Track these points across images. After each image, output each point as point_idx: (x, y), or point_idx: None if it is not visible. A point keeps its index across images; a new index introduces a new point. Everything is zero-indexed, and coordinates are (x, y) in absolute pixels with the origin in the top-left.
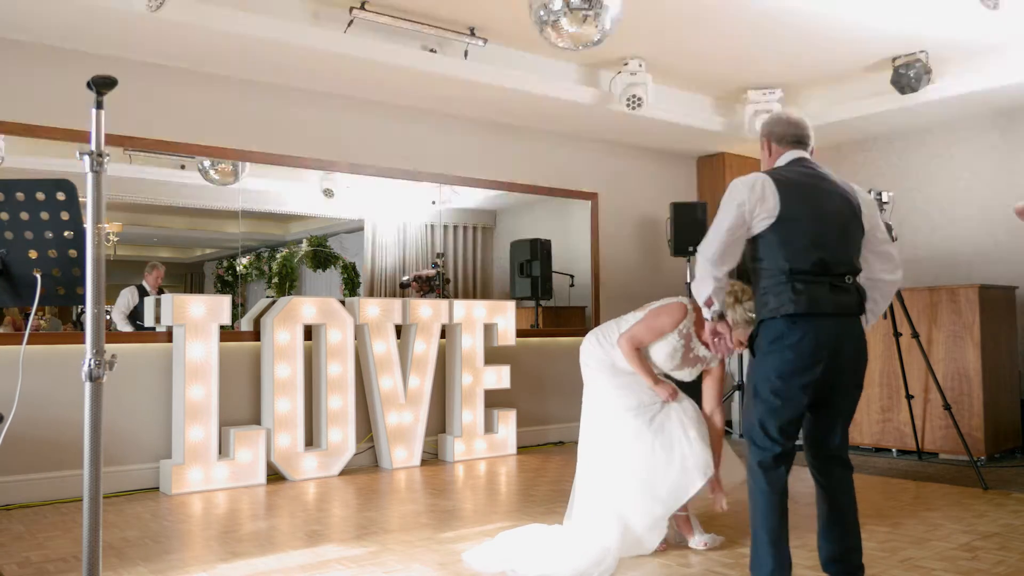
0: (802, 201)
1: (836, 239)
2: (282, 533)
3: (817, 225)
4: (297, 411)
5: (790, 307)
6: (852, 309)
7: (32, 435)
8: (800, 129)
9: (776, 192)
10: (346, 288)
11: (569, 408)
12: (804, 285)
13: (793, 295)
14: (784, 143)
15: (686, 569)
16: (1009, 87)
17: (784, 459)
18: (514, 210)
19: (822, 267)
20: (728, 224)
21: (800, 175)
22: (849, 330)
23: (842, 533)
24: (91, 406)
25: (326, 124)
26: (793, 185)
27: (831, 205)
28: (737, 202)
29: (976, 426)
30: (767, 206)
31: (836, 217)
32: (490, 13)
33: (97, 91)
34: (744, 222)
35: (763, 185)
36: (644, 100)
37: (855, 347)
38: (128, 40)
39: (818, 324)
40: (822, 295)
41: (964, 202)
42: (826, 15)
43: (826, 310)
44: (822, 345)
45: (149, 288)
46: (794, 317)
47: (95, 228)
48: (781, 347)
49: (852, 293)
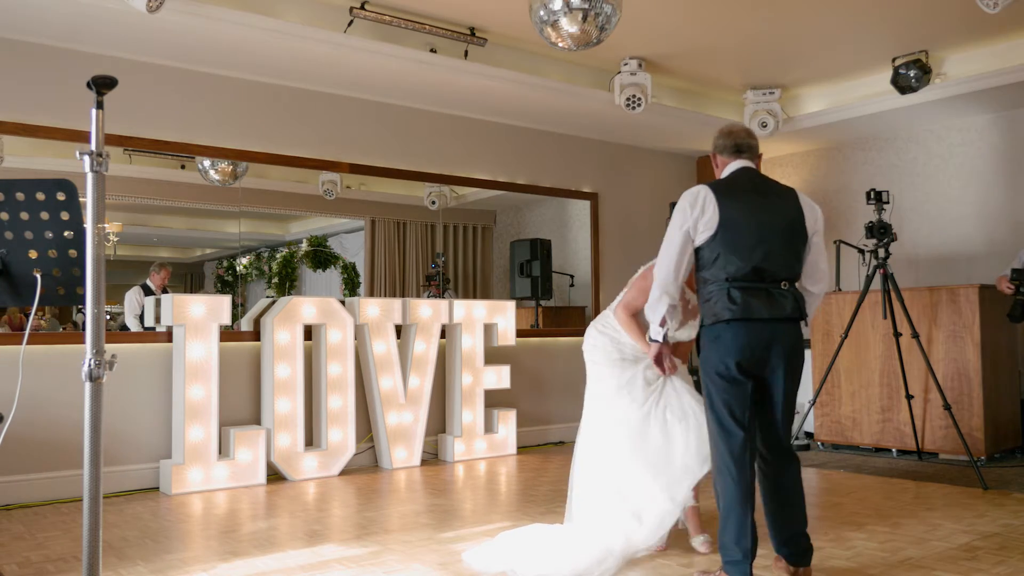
0: (740, 211)
1: (775, 248)
2: (282, 533)
3: (755, 234)
4: (297, 411)
5: (726, 314)
6: (786, 314)
7: (32, 435)
8: (740, 139)
9: (715, 203)
10: (346, 288)
11: (569, 408)
12: (740, 292)
13: (729, 303)
14: (727, 153)
15: (686, 569)
16: (1009, 87)
17: (748, 443)
18: (514, 210)
19: (758, 275)
20: (676, 247)
21: (741, 185)
22: (782, 332)
23: (788, 518)
24: (91, 406)
25: (326, 124)
26: (732, 196)
27: (770, 214)
28: (679, 223)
29: (976, 426)
30: (707, 218)
31: (776, 226)
32: (490, 13)
33: (97, 91)
34: (689, 238)
35: (704, 197)
36: (644, 100)
37: (788, 347)
38: (128, 40)
39: (750, 327)
40: (757, 302)
41: (964, 202)
42: (826, 15)
43: (760, 316)
44: (755, 344)
45: (155, 288)
46: (730, 321)
47: (95, 228)
48: (717, 346)
49: (788, 299)
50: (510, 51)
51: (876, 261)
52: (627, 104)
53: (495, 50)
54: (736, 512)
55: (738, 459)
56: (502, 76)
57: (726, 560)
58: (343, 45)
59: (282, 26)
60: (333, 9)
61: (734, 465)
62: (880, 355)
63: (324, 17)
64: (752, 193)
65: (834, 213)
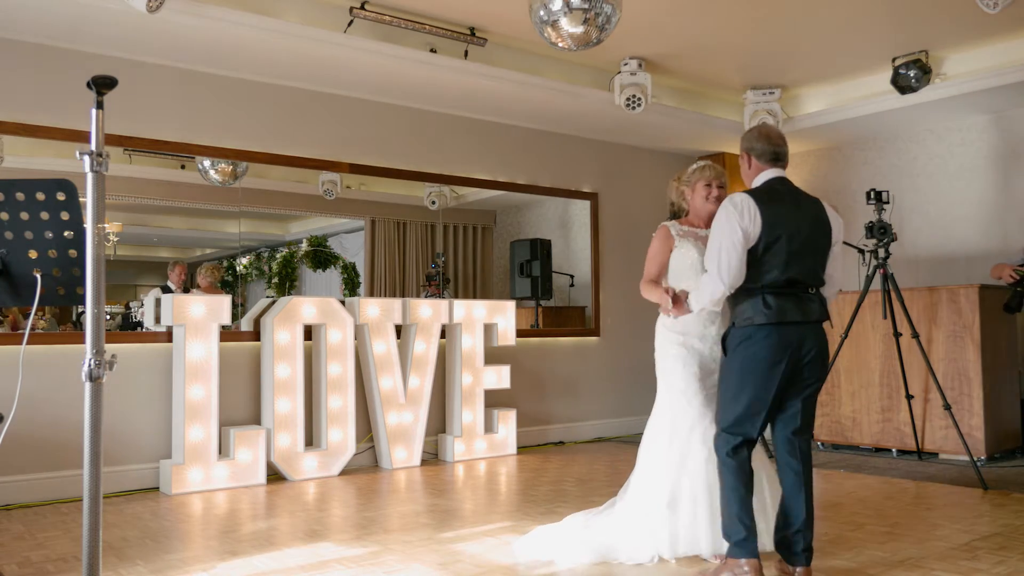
0: (781, 222)
1: (808, 257)
2: (282, 533)
3: (792, 245)
4: (297, 411)
5: (761, 318)
6: (814, 316)
7: (32, 435)
8: (779, 147)
9: (759, 214)
10: (346, 288)
11: (569, 408)
12: (774, 298)
13: (764, 307)
14: (764, 160)
15: (686, 570)
16: (1009, 87)
17: (750, 444)
18: (514, 210)
19: (792, 283)
20: (738, 247)
21: (780, 196)
22: (810, 333)
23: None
24: (91, 406)
25: (326, 124)
26: (773, 207)
27: (806, 225)
28: (733, 225)
29: (976, 426)
30: (752, 226)
31: (809, 236)
32: (490, 13)
33: (97, 91)
34: (747, 238)
35: (749, 206)
36: (644, 100)
37: (816, 348)
38: (128, 40)
39: (781, 329)
40: (789, 307)
41: (964, 202)
42: (826, 15)
43: (793, 319)
44: (785, 345)
45: (174, 286)
46: (762, 325)
47: (95, 228)
48: (748, 345)
49: (815, 302)
50: (510, 51)
51: (876, 261)
52: (627, 104)
53: (495, 50)
54: (738, 494)
55: (742, 451)
56: (502, 76)
57: (732, 542)
58: (343, 45)
59: (282, 26)
60: (333, 9)
61: (736, 456)
62: (880, 355)
63: (324, 17)
64: (790, 204)
65: None
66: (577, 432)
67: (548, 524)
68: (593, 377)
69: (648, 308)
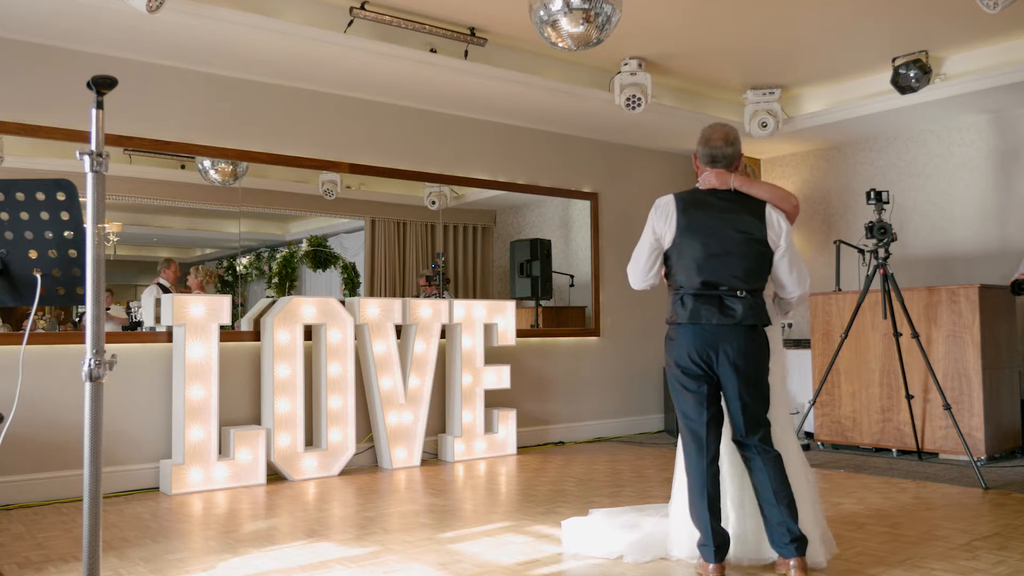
0: (699, 226)
1: (733, 261)
2: (282, 533)
3: (709, 249)
4: (297, 411)
5: (679, 318)
6: (738, 319)
7: (32, 435)
8: (716, 149)
9: (674, 218)
10: (346, 288)
11: (569, 408)
12: (692, 300)
13: (681, 308)
14: (704, 162)
15: (685, 570)
16: (1009, 87)
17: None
18: (514, 210)
19: (709, 285)
20: (644, 251)
21: (704, 201)
22: (730, 335)
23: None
24: (91, 406)
25: (326, 124)
26: (692, 209)
27: (727, 228)
28: (649, 228)
29: (976, 426)
30: (669, 226)
31: (730, 238)
32: (490, 13)
33: (97, 91)
34: (658, 243)
35: (668, 207)
36: (644, 100)
37: (738, 349)
38: (128, 40)
39: (697, 329)
40: (706, 309)
41: (964, 202)
42: (826, 15)
43: (709, 321)
44: (703, 346)
45: (168, 284)
46: (680, 324)
47: (95, 228)
48: (672, 346)
49: (743, 305)
50: (510, 51)
51: (876, 261)
52: (627, 104)
53: (495, 50)
54: (694, 491)
55: (695, 445)
56: (502, 76)
57: (698, 543)
58: (343, 45)
59: (282, 26)
60: (333, 9)
61: (694, 449)
62: (880, 355)
63: (324, 17)
64: (713, 208)
65: (834, 213)
66: (577, 432)
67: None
68: (593, 377)
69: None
